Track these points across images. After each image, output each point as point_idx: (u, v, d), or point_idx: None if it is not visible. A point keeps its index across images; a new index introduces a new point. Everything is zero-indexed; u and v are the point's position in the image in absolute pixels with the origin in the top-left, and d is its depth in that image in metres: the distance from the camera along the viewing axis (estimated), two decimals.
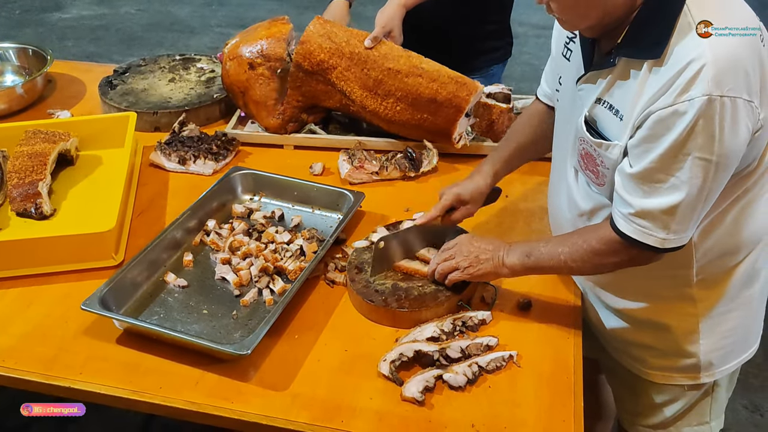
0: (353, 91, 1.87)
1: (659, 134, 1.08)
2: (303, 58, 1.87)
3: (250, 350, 1.23)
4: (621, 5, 1.11)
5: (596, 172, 1.26)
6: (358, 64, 1.85)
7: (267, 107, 1.95)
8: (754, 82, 1.05)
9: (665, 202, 1.12)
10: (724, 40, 1.04)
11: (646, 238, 1.16)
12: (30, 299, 1.45)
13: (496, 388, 1.25)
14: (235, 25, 5.64)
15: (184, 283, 1.47)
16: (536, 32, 5.30)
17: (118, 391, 1.25)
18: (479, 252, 1.35)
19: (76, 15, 5.90)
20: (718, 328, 1.36)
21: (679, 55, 1.06)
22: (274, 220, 1.67)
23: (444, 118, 1.85)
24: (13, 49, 2.37)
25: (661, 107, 1.07)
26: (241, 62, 1.93)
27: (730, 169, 1.12)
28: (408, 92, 1.84)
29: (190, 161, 1.86)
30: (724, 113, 1.03)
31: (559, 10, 1.14)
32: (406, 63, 1.84)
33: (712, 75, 1.02)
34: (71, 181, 1.82)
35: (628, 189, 1.16)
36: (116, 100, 2.10)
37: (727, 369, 1.42)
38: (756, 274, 1.36)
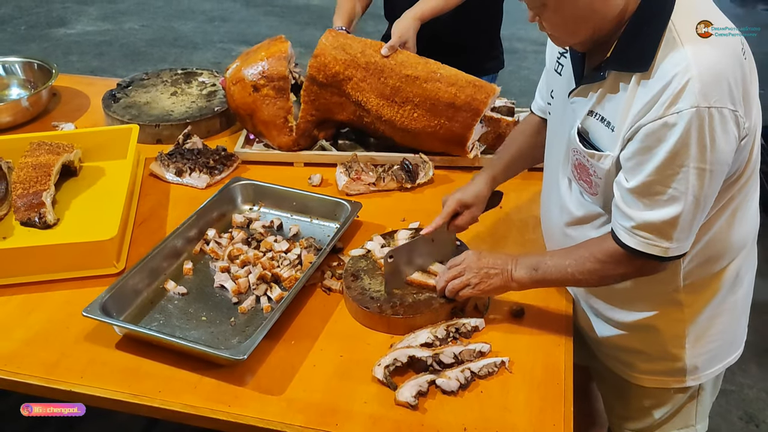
0: (369, 101, 1.89)
1: (652, 147, 1.12)
2: (317, 71, 1.90)
3: (246, 355, 1.26)
4: (609, 22, 1.15)
5: (589, 181, 1.30)
6: (375, 73, 1.88)
7: (277, 126, 1.96)
8: (737, 92, 1.10)
9: (666, 214, 1.15)
10: (708, 55, 1.08)
11: (651, 249, 1.19)
12: (33, 305, 1.48)
13: (489, 393, 1.27)
14: (237, 41, 5.72)
15: (183, 290, 1.50)
16: (535, 48, 5.36)
17: (118, 394, 1.27)
18: (488, 268, 1.37)
19: (80, 31, 5.98)
20: (704, 332, 1.40)
21: (665, 69, 1.10)
22: (272, 230, 1.71)
23: (461, 123, 1.88)
24: (19, 63, 2.42)
25: (650, 120, 1.11)
26: (244, 85, 1.95)
27: (722, 175, 1.16)
28: (427, 97, 1.87)
29: (186, 173, 1.90)
30: (713, 123, 1.07)
31: (550, 27, 1.18)
32: (424, 69, 1.88)
33: (698, 88, 1.06)
34: (74, 192, 1.86)
35: (628, 203, 1.19)
36: (119, 112, 2.15)
37: (712, 372, 1.46)
38: (740, 280, 1.39)
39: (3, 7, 6.49)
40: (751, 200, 1.34)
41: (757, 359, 2.65)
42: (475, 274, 1.37)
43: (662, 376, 1.45)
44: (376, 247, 1.57)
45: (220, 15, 6.34)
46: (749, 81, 1.14)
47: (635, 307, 1.40)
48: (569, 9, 1.12)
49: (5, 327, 1.43)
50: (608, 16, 1.14)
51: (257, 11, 6.42)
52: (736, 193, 1.27)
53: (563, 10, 1.13)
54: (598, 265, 1.27)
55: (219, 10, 6.45)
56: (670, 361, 1.42)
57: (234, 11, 6.44)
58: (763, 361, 2.65)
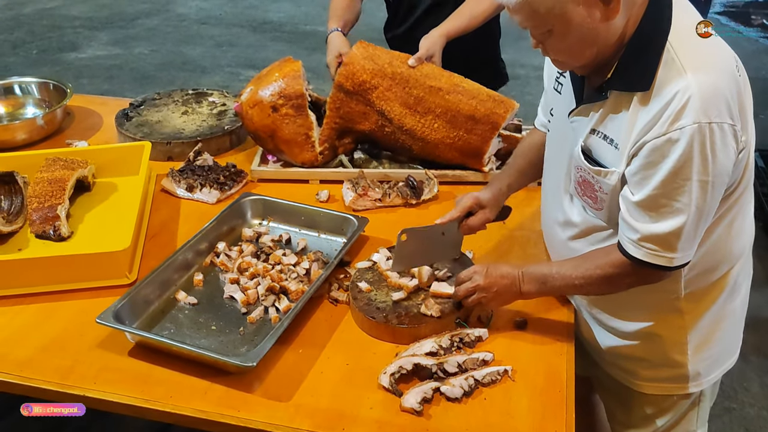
0: (393, 110, 1.96)
1: (656, 162, 1.16)
2: (345, 79, 1.97)
3: (255, 362, 1.30)
4: (611, 45, 1.20)
5: (594, 197, 1.34)
6: (401, 83, 1.95)
7: (298, 143, 2.00)
8: (734, 107, 1.15)
9: (671, 225, 1.20)
10: (706, 73, 1.14)
11: (657, 259, 1.24)
12: (47, 314, 1.52)
13: (492, 400, 1.30)
14: (245, 65, 5.82)
15: (194, 300, 1.54)
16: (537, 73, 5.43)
17: (130, 399, 1.31)
18: (498, 286, 1.41)
19: (91, 55, 6.09)
20: (705, 339, 1.43)
21: (666, 88, 1.15)
22: (281, 244, 1.75)
23: (479, 135, 1.94)
24: (35, 83, 2.49)
25: (654, 136, 1.15)
26: (263, 107, 1.99)
27: (723, 187, 1.21)
28: (448, 109, 1.94)
29: (197, 189, 1.95)
30: (714, 137, 1.13)
31: (555, 53, 1.24)
32: (447, 81, 1.95)
33: (699, 105, 1.11)
34: (88, 206, 1.91)
35: (634, 216, 1.24)
36: (132, 130, 2.21)
37: (713, 378, 1.50)
38: (738, 288, 1.44)
39: (15, 32, 6.62)
40: (747, 211, 1.38)
41: (759, 378, 2.65)
42: (485, 294, 1.42)
43: (665, 383, 1.48)
44: (381, 259, 1.61)
45: (228, 40, 6.45)
46: (744, 96, 1.19)
47: (637, 316, 1.44)
48: (574, 35, 1.17)
49: (21, 335, 1.47)
50: (610, 40, 1.19)
51: (264, 37, 6.54)
52: (733, 203, 1.31)
53: (568, 36, 1.17)
54: (605, 276, 1.32)
55: (227, 36, 6.56)
56: (673, 368, 1.45)
57: (242, 36, 6.56)
58: (764, 380, 2.66)
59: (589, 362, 1.61)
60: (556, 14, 1.14)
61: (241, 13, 7.21)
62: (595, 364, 1.60)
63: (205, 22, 6.93)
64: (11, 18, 7.02)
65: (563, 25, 1.16)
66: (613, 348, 1.51)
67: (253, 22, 6.94)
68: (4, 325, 1.50)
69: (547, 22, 1.16)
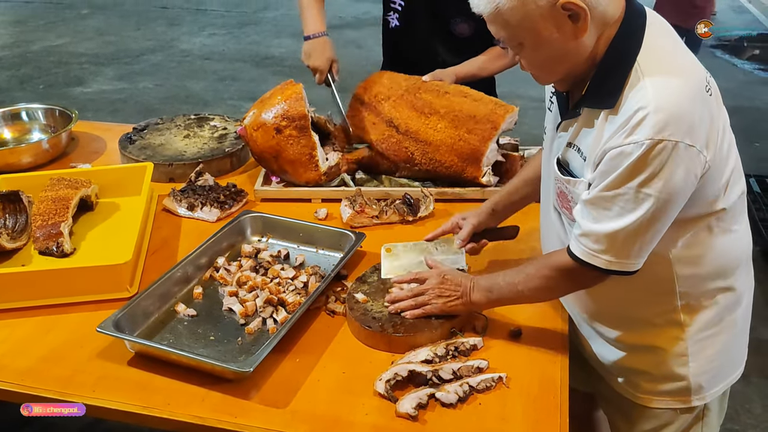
0: (401, 116, 2.10)
1: (611, 170, 1.21)
2: (364, 91, 2.21)
3: (252, 368, 1.32)
4: (582, 63, 1.26)
5: (569, 208, 1.38)
6: (412, 91, 2.14)
7: (303, 163, 2.05)
8: (697, 128, 1.18)
9: (609, 227, 1.24)
10: (667, 92, 1.17)
11: (591, 259, 1.28)
12: (49, 326, 1.54)
13: (486, 406, 1.31)
14: (247, 98, 5.92)
15: (193, 312, 1.56)
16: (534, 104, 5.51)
17: (128, 406, 1.32)
18: (450, 292, 1.47)
19: (96, 89, 6.22)
20: (706, 351, 1.44)
21: (629, 105, 1.19)
22: (279, 259, 1.78)
23: (479, 135, 2.02)
24: (42, 110, 2.55)
25: (612, 147, 1.20)
26: (267, 130, 2.04)
27: (672, 205, 1.22)
28: (452, 109, 2.06)
29: (198, 207, 1.98)
30: (665, 155, 1.16)
31: (529, 65, 1.30)
32: (455, 88, 2.14)
33: (654, 122, 1.15)
34: (90, 224, 1.95)
35: (581, 213, 1.30)
36: (135, 153, 2.25)
37: (717, 391, 1.49)
38: (738, 299, 1.45)
39: (23, 68, 6.77)
40: (740, 222, 1.40)
41: (761, 400, 2.65)
42: (438, 297, 1.48)
43: (667, 397, 1.48)
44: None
45: (231, 74, 6.59)
46: (715, 116, 1.23)
47: (636, 328, 1.45)
48: (545, 49, 1.23)
49: (23, 346, 1.49)
50: (581, 57, 1.25)
51: (266, 71, 6.67)
52: (722, 214, 1.34)
53: (539, 51, 1.24)
54: (544, 280, 1.38)
55: (229, 70, 6.70)
56: (674, 380, 1.46)
57: (244, 71, 6.69)
58: (767, 402, 2.65)
59: (592, 377, 1.62)
60: (526, 27, 1.20)
61: (244, 48, 7.38)
62: (598, 379, 1.61)
63: (209, 58, 7.09)
64: (19, 55, 7.19)
65: (533, 39, 1.22)
66: (615, 361, 1.52)
67: (256, 57, 7.09)
68: (6, 337, 1.52)
69: (518, 35, 1.22)
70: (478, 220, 1.70)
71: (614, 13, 1.23)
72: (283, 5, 9.27)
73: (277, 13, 8.90)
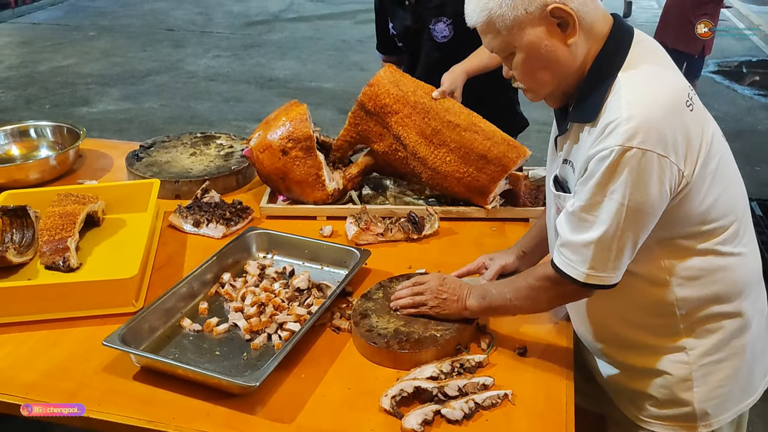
0: (408, 137, 2.03)
1: (588, 177, 1.24)
2: (368, 99, 2.04)
3: (258, 382, 1.32)
4: (571, 75, 1.29)
5: None
6: (421, 112, 2.02)
7: (310, 184, 2.06)
8: (671, 140, 1.19)
9: (585, 238, 1.27)
10: (641, 103, 1.20)
11: (570, 270, 1.30)
12: (54, 340, 1.55)
13: (493, 423, 1.31)
14: (251, 119, 5.96)
15: (198, 327, 1.57)
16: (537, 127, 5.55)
17: (133, 421, 1.32)
18: (448, 294, 1.51)
19: (102, 109, 6.27)
20: (711, 377, 1.41)
21: (606, 116, 1.23)
22: (285, 275, 1.78)
23: (488, 175, 2.00)
24: (50, 127, 2.57)
25: (590, 155, 1.23)
26: (273, 151, 2.06)
27: (645, 216, 1.24)
28: (462, 145, 2.00)
29: (204, 224, 2.00)
30: (635, 163, 1.18)
31: (520, 77, 1.32)
32: (466, 119, 2.02)
33: (624, 129, 1.18)
34: (97, 240, 1.95)
35: (561, 223, 1.32)
36: (141, 170, 2.27)
37: (726, 418, 1.45)
38: (747, 325, 1.42)
39: (29, 88, 6.83)
40: (743, 245, 1.39)
41: (763, 422, 2.63)
42: (435, 298, 1.52)
43: (672, 422, 1.46)
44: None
45: (235, 96, 6.64)
46: (695, 129, 1.24)
47: (640, 351, 1.44)
48: (535, 56, 1.26)
49: (28, 359, 1.49)
50: (570, 67, 1.28)
51: (271, 93, 6.73)
52: (718, 237, 1.33)
53: (530, 60, 1.27)
54: (530, 290, 1.40)
55: (234, 92, 6.76)
56: (679, 405, 1.44)
57: (248, 92, 6.75)
58: None
59: (603, 399, 1.61)
60: (516, 34, 1.24)
61: (248, 70, 7.45)
62: (608, 401, 1.59)
63: (213, 79, 7.15)
64: (25, 75, 7.26)
65: (523, 47, 1.25)
66: (620, 383, 1.51)
67: (260, 79, 7.15)
68: (12, 350, 1.52)
69: (510, 43, 1.26)
70: (506, 261, 1.70)
71: (601, 29, 1.28)
72: (287, 28, 9.38)
73: (282, 35, 8.99)
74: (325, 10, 10.50)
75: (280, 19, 9.94)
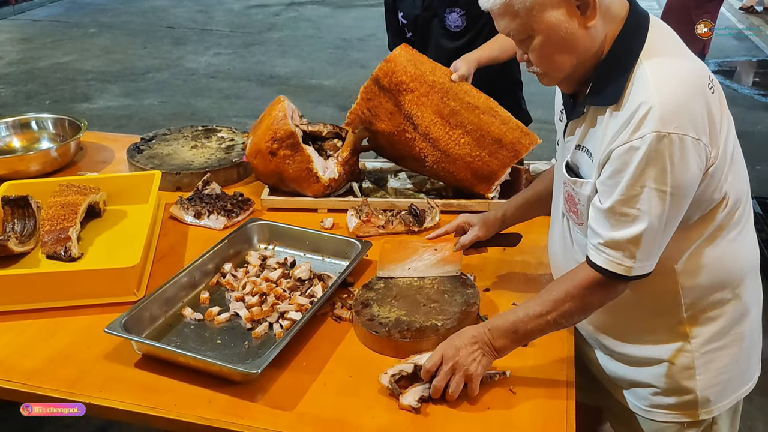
0: (423, 116, 2.00)
1: (620, 169, 1.22)
2: (384, 75, 2.01)
3: (260, 369, 1.32)
4: (589, 58, 1.27)
5: (576, 211, 1.39)
6: (440, 92, 2.00)
7: (304, 179, 2.06)
8: (701, 122, 1.19)
9: (630, 233, 1.24)
10: (670, 86, 1.19)
11: (615, 267, 1.27)
12: (56, 328, 1.55)
13: (494, 411, 1.32)
14: (251, 116, 5.95)
15: (200, 316, 1.57)
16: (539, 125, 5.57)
17: (135, 407, 1.32)
18: (468, 353, 1.34)
19: (102, 105, 6.26)
20: (713, 364, 1.43)
21: (633, 101, 1.21)
22: (286, 266, 1.78)
23: (500, 160, 2.01)
24: (51, 119, 2.58)
25: (619, 144, 1.21)
26: (263, 155, 2.07)
27: (684, 199, 1.24)
28: (479, 127, 2.00)
29: (205, 215, 2.00)
30: (673, 148, 1.17)
31: (537, 60, 1.29)
32: (484, 103, 2.02)
33: (659, 115, 1.17)
34: (98, 231, 1.96)
35: (599, 222, 1.29)
36: (142, 162, 2.27)
37: (725, 405, 1.47)
38: (746, 312, 1.44)
39: (29, 84, 6.82)
40: (745, 232, 1.41)
41: (763, 417, 2.63)
42: (465, 367, 1.33)
43: (673, 410, 1.47)
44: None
45: (236, 93, 6.63)
46: (717, 112, 1.24)
47: (642, 341, 1.45)
48: (554, 40, 1.24)
49: (29, 347, 1.49)
50: (589, 50, 1.26)
51: (271, 90, 6.71)
52: (726, 222, 1.35)
53: (548, 43, 1.24)
54: (576, 301, 1.32)
55: (235, 89, 6.75)
56: (681, 394, 1.45)
57: (249, 89, 6.74)
58: None
59: (599, 391, 1.61)
60: (535, 16, 1.22)
61: (249, 68, 7.43)
62: (604, 393, 1.60)
63: (214, 76, 7.14)
64: (25, 71, 7.24)
65: (542, 29, 1.23)
66: (621, 374, 1.52)
67: (261, 76, 7.14)
68: (13, 338, 1.52)
69: (528, 25, 1.24)
70: (485, 231, 1.71)
71: (619, 12, 1.27)
72: (287, 26, 9.37)
73: (282, 34, 8.98)
74: (325, 9, 10.50)
75: (280, 17, 9.94)
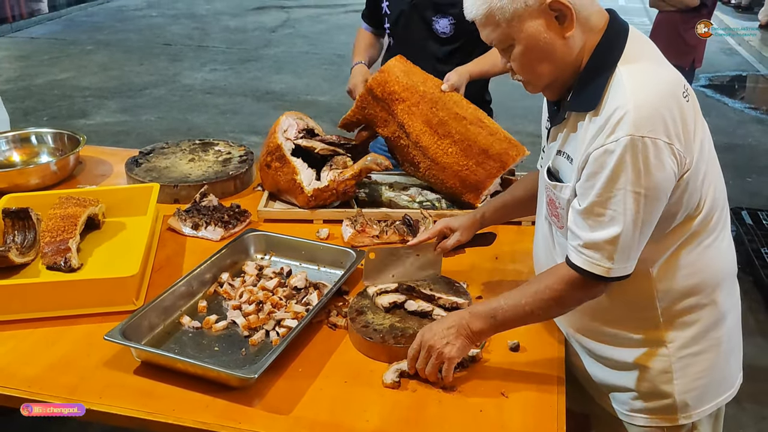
0: (413, 125, 2.07)
1: (596, 171, 1.27)
2: (377, 85, 2.10)
3: (257, 374, 1.35)
4: (569, 66, 1.33)
5: (557, 215, 1.44)
6: (429, 102, 2.07)
7: (291, 189, 2.11)
8: (673, 128, 1.24)
9: (608, 234, 1.28)
10: (645, 93, 1.25)
11: (594, 268, 1.31)
12: (56, 337, 1.57)
13: (486, 414, 1.34)
14: (247, 131, 6.02)
15: (197, 324, 1.60)
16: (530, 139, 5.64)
17: (134, 412, 1.35)
18: (447, 337, 1.39)
19: (99, 121, 6.31)
20: (690, 369, 1.46)
21: (609, 106, 1.27)
22: (282, 275, 1.81)
23: (486, 171, 2.05)
24: (51, 134, 2.61)
25: (595, 147, 1.27)
26: (263, 169, 2.17)
27: (659, 202, 1.28)
28: (466, 137, 2.05)
29: (202, 227, 2.03)
30: (647, 151, 1.22)
31: (519, 69, 1.36)
32: (472, 114, 2.08)
33: (633, 119, 1.22)
34: (97, 242, 1.98)
35: (577, 224, 1.33)
36: (141, 175, 2.31)
37: (705, 411, 1.50)
38: (722, 318, 1.47)
39: (27, 101, 6.87)
40: (721, 238, 1.44)
41: (754, 424, 2.66)
42: (440, 347, 1.38)
43: (653, 415, 1.50)
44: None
45: (232, 108, 6.70)
46: (691, 120, 1.29)
47: (620, 345, 1.48)
48: (534, 49, 1.30)
49: (30, 355, 1.52)
50: (567, 58, 1.32)
51: (267, 105, 6.78)
52: (700, 229, 1.39)
53: (529, 52, 1.30)
54: (554, 294, 1.37)
55: (231, 104, 6.81)
56: (660, 398, 1.48)
57: (245, 105, 6.81)
58: (760, 426, 2.66)
59: (586, 398, 1.64)
60: (515, 26, 1.28)
61: (245, 83, 7.51)
62: (591, 401, 1.63)
63: (210, 92, 7.21)
64: (23, 88, 7.30)
65: (522, 39, 1.29)
66: (603, 378, 1.55)
67: (257, 92, 7.21)
68: (14, 346, 1.55)
69: (509, 35, 1.30)
70: (467, 235, 1.74)
71: (597, 23, 1.33)
72: (283, 43, 9.47)
73: (278, 50, 9.07)
74: (320, 26, 10.61)
75: (276, 34, 10.04)
